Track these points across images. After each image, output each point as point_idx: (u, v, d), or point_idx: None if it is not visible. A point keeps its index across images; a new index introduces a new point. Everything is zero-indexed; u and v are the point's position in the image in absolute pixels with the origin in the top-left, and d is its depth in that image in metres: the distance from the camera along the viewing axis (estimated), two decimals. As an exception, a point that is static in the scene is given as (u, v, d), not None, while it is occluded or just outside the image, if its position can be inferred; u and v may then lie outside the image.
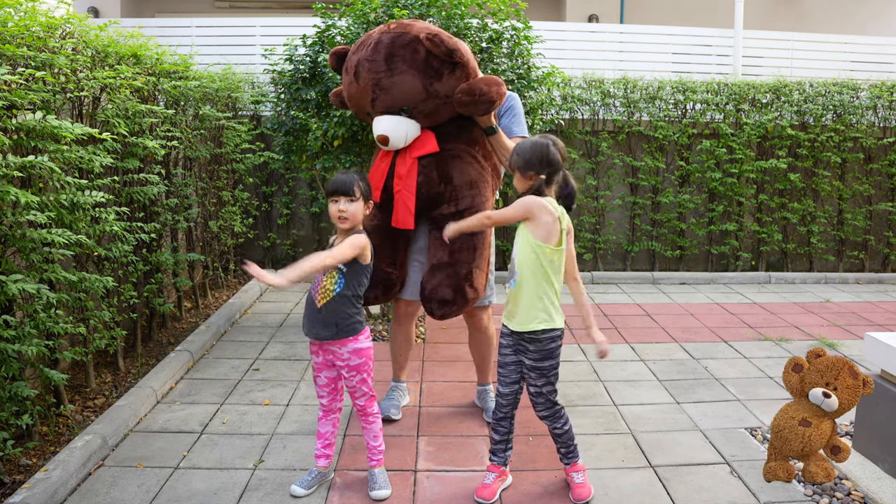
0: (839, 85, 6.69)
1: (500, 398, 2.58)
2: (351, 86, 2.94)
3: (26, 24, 2.84)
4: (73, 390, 3.43)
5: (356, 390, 2.59)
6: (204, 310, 5.03)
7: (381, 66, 2.80)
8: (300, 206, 6.61)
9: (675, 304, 5.61)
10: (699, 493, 2.64)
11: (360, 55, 2.88)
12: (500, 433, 2.62)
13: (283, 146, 4.52)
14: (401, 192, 2.90)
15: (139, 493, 2.59)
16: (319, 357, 2.60)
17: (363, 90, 2.87)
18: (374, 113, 2.91)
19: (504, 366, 2.57)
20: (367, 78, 2.84)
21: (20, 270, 2.65)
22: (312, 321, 2.53)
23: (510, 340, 2.55)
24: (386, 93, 2.82)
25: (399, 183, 2.90)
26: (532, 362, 2.50)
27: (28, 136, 2.68)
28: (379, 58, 2.81)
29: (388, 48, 2.80)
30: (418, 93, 2.80)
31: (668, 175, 6.72)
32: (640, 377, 3.88)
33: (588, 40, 7.76)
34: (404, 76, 2.79)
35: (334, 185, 2.48)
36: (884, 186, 6.86)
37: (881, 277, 6.62)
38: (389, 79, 2.80)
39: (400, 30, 2.84)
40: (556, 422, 2.58)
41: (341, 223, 2.49)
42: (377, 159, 3.02)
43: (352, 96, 2.98)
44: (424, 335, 4.55)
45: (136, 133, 3.70)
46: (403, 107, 2.83)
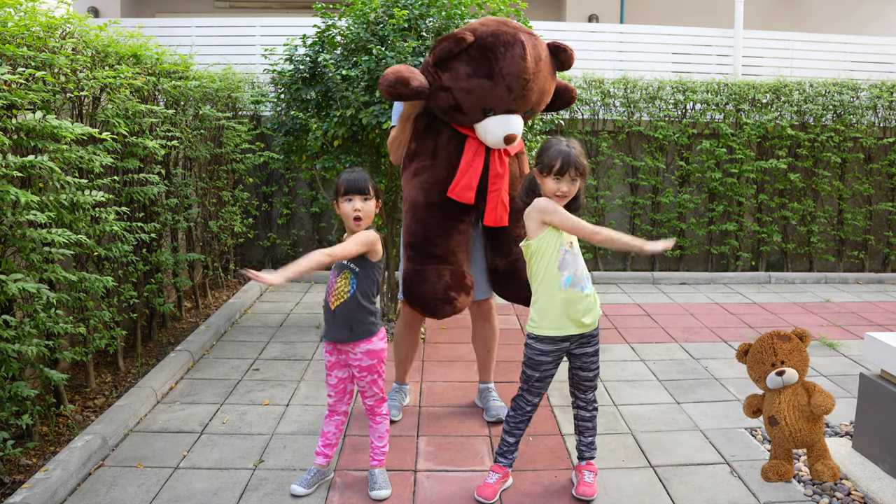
0: (839, 85, 6.69)
1: (529, 406, 2.55)
2: (483, 82, 2.75)
3: (26, 24, 2.84)
4: (73, 390, 3.43)
5: (367, 390, 2.59)
6: (204, 310, 5.03)
7: (532, 68, 2.77)
8: (300, 206, 6.61)
9: (675, 304, 5.61)
10: (699, 493, 2.64)
11: (509, 52, 2.73)
12: (515, 436, 2.60)
13: (283, 146, 4.52)
14: (499, 190, 2.91)
15: (139, 493, 2.59)
16: (333, 357, 2.59)
17: (506, 88, 2.76)
18: (502, 112, 2.81)
19: (542, 380, 2.52)
20: (518, 78, 2.75)
21: (20, 270, 2.65)
22: (328, 324, 2.53)
23: (558, 353, 2.51)
24: (531, 94, 2.82)
25: (498, 181, 2.90)
26: (594, 347, 2.55)
27: (28, 136, 2.68)
28: (530, 59, 2.76)
29: (534, 52, 2.78)
30: (548, 96, 2.92)
31: (668, 175, 6.73)
32: (640, 377, 3.88)
33: (588, 40, 7.75)
34: (547, 80, 2.87)
35: (349, 183, 2.43)
36: (884, 186, 6.86)
37: (881, 277, 6.62)
38: (535, 81, 2.80)
39: (527, 31, 2.83)
40: (595, 403, 2.65)
41: (356, 224, 2.44)
42: (467, 158, 2.89)
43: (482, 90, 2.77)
44: (424, 335, 4.55)
45: (136, 133, 3.70)
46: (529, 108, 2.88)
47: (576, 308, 2.45)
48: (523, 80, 2.74)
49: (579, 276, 2.45)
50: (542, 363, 2.50)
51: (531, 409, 2.56)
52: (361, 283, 2.48)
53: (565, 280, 2.43)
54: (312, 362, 4.04)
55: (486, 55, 2.71)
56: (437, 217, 2.90)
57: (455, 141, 2.90)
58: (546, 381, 2.53)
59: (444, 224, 2.90)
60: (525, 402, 2.55)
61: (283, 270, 2.19)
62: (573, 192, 2.44)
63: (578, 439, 2.67)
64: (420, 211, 2.92)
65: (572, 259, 2.45)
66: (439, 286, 2.85)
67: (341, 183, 2.46)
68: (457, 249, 2.93)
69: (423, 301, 2.89)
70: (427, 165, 2.93)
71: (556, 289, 2.43)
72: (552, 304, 2.45)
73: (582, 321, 2.46)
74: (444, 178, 2.90)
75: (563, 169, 2.39)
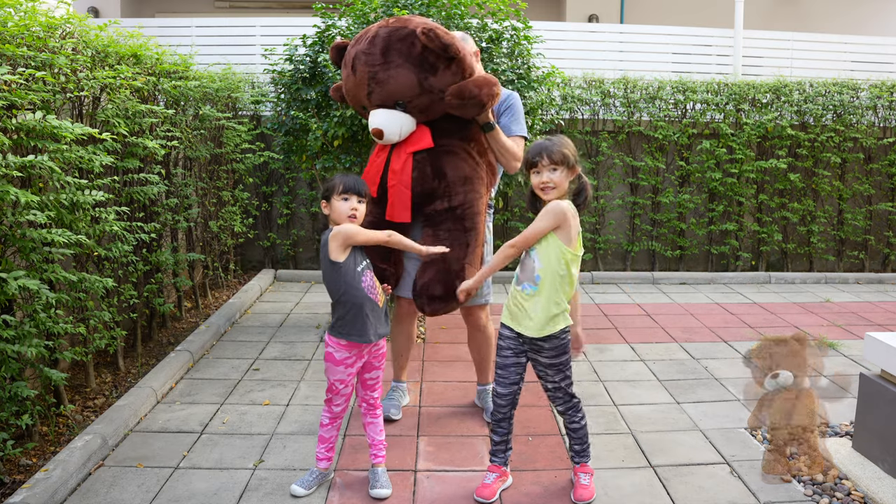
0: (839, 85, 6.69)
1: (499, 398, 2.58)
2: (348, 79, 2.94)
3: (26, 24, 2.84)
4: (73, 390, 3.43)
5: (376, 384, 2.66)
6: (204, 310, 5.03)
7: (378, 60, 2.80)
8: (300, 206, 6.61)
9: (675, 304, 5.61)
10: (699, 493, 2.64)
11: (357, 48, 2.88)
12: (499, 434, 2.62)
13: (283, 146, 4.52)
14: (395, 186, 2.89)
15: (139, 493, 2.59)
16: (356, 359, 2.56)
17: (359, 83, 2.87)
18: (369, 106, 2.91)
19: (504, 367, 2.56)
20: (364, 71, 2.83)
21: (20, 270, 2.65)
22: (380, 322, 2.56)
23: (514, 343, 2.54)
24: (381, 86, 2.81)
25: (394, 177, 2.89)
26: (548, 360, 2.50)
27: (28, 136, 2.68)
28: (375, 51, 2.81)
29: (385, 41, 2.80)
30: (413, 87, 2.79)
31: (668, 175, 6.72)
32: (640, 377, 3.88)
33: (588, 40, 7.76)
34: (400, 70, 2.78)
35: (348, 183, 2.50)
36: (884, 186, 6.86)
37: (881, 277, 6.62)
38: (385, 72, 2.79)
39: (397, 24, 2.84)
40: (574, 415, 2.60)
41: (351, 220, 2.50)
42: (373, 154, 3.03)
43: (349, 90, 2.98)
44: (424, 335, 4.55)
45: (136, 133, 3.70)
46: (399, 101, 2.82)
47: (515, 306, 2.51)
48: (367, 69, 2.83)
49: (525, 276, 2.50)
50: (501, 347, 2.57)
51: (503, 404, 2.57)
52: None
53: (515, 277, 2.56)
54: (312, 362, 4.04)
55: (348, 50, 2.95)
56: (371, 213, 2.94)
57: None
58: (507, 369, 2.55)
59: (371, 217, 2.94)
60: (496, 395, 2.59)
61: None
62: (558, 180, 2.40)
63: (569, 444, 2.69)
64: None
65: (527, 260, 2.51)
66: None
67: (338, 182, 2.50)
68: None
69: None
70: None
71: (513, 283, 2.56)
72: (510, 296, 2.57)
73: (520, 321, 2.50)
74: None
75: (535, 160, 2.41)
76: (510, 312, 2.55)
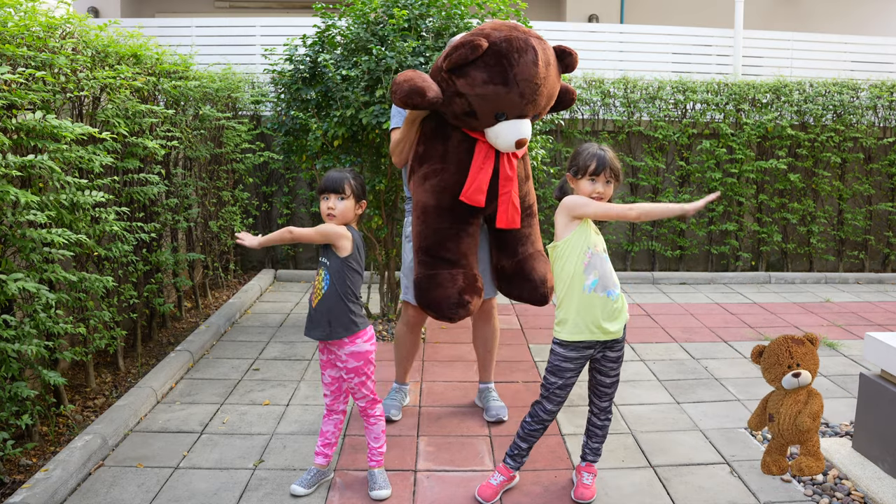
0: (839, 85, 6.69)
1: (546, 414, 2.53)
2: (498, 88, 2.73)
3: (26, 24, 2.84)
4: (73, 390, 3.43)
5: (356, 392, 2.60)
6: (204, 310, 5.03)
7: (543, 73, 2.76)
8: (300, 206, 6.61)
9: (675, 304, 5.61)
10: (699, 493, 2.64)
11: (522, 58, 2.71)
12: (529, 442, 2.59)
13: (283, 146, 4.52)
14: (509, 192, 2.93)
15: (139, 493, 2.59)
16: (324, 355, 2.62)
17: (519, 94, 2.74)
18: (514, 117, 2.79)
19: (563, 388, 2.50)
20: (530, 83, 2.73)
21: (20, 270, 2.65)
22: (309, 321, 2.56)
23: (582, 360, 2.48)
24: (542, 98, 2.81)
25: (508, 184, 2.92)
26: (617, 353, 2.53)
27: (28, 136, 2.68)
28: (542, 64, 2.75)
29: (544, 57, 2.77)
30: (553, 100, 2.92)
31: (668, 175, 6.72)
32: (640, 377, 3.88)
33: (588, 40, 7.76)
34: (555, 84, 2.87)
35: (325, 182, 2.50)
36: (884, 186, 6.86)
37: (881, 277, 6.62)
38: (545, 86, 2.80)
39: (536, 36, 2.81)
40: (610, 412, 2.64)
41: (329, 220, 2.51)
42: (477, 161, 2.87)
43: (496, 96, 2.75)
44: (425, 335, 4.55)
45: (136, 133, 3.70)
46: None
47: (601, 313, 2.41)
48: (535, 85, 2.74)
49: (606, 280, 2.42)
50: (566, 370, 2.47)
51: (548, 418, 2.54)
52: (334, 279, 2.50)
53: (591, 283, 2.40)
54: (312, 362, 4.04)
55: (501, 61, 2.71)
56: (448, 221, 2.90)
57: (465, 144, 2.89)
58: (567, 388, 2.50)
59: (454, 227, 2.90)
60: (542, 410, 2.53)
61: (257, 238, 2.46)
62: (608, 193, 2.46)
63: (585, 441, 2.66)
64: (431, 215, 2.91)
65: (599, 262, 2.42)
66: (453, 290, 2.85)
67: (321, 182, 2.53)
68: (468, 252, 2.94)
69: (437, 305, 2.88)
70: (437, 169, 2.91)
71: (581, 292, 2.40)
72: (576, 308, 2.42)
73: (606, 328, 2.42)
74: (454, 182, 2.88)
75: (599, 170, 2.42)
76: (594, 326, 2.42)
